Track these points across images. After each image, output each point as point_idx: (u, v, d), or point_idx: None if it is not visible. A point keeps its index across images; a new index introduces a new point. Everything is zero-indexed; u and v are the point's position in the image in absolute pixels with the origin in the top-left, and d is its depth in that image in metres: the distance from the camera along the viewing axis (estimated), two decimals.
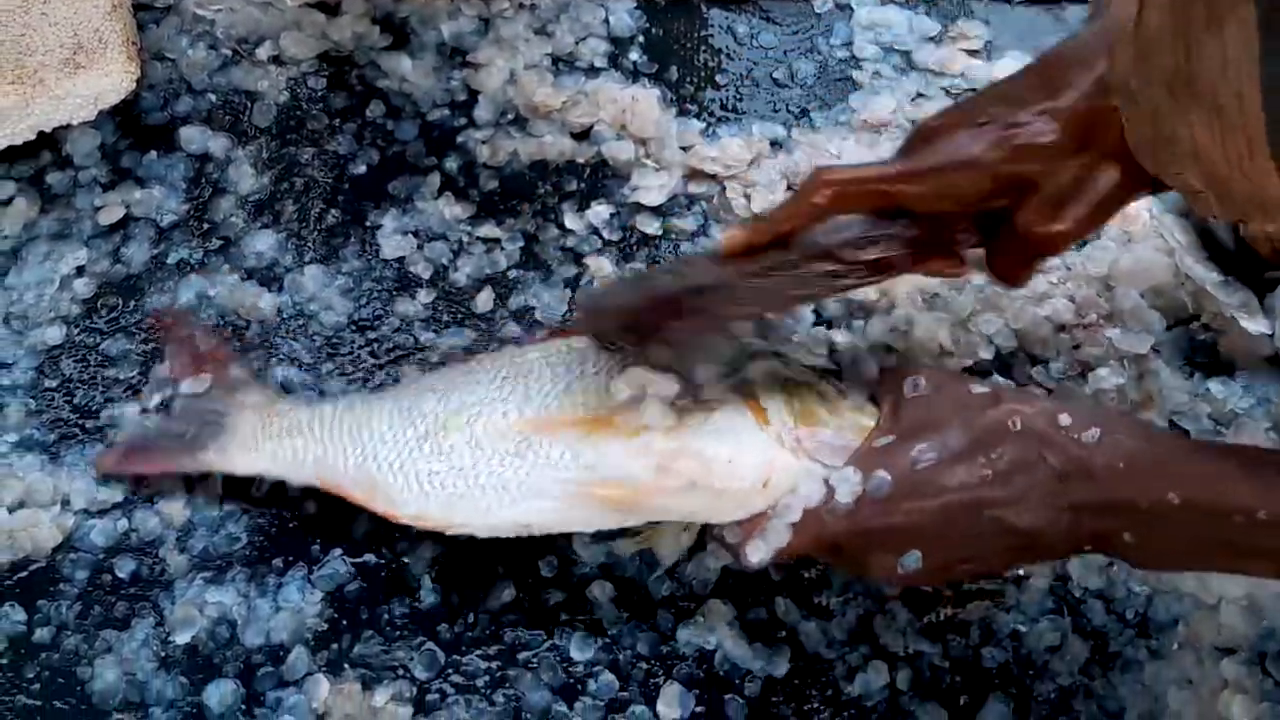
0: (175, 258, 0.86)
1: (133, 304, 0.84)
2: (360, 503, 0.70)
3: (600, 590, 0.73)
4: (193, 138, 0.91)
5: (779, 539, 0.65)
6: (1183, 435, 0.68)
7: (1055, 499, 0.60)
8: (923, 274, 0.69)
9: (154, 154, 0.90)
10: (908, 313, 0.84)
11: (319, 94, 0.95)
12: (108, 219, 0.87)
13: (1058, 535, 0.61)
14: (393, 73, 0.96)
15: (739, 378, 0.70)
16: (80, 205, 0.88)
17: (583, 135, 0.93)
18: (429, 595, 0.73)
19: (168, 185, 0.89)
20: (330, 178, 0.91)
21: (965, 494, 0.61)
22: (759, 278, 0.66)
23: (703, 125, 0.94)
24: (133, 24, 0.92)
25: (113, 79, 0.88)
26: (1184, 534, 0.59)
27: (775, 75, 0.99)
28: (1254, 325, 0.81)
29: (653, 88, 0.95)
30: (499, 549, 0.73)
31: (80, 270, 0.85)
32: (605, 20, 0.99)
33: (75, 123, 0.89)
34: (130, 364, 0.81)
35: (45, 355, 0.81)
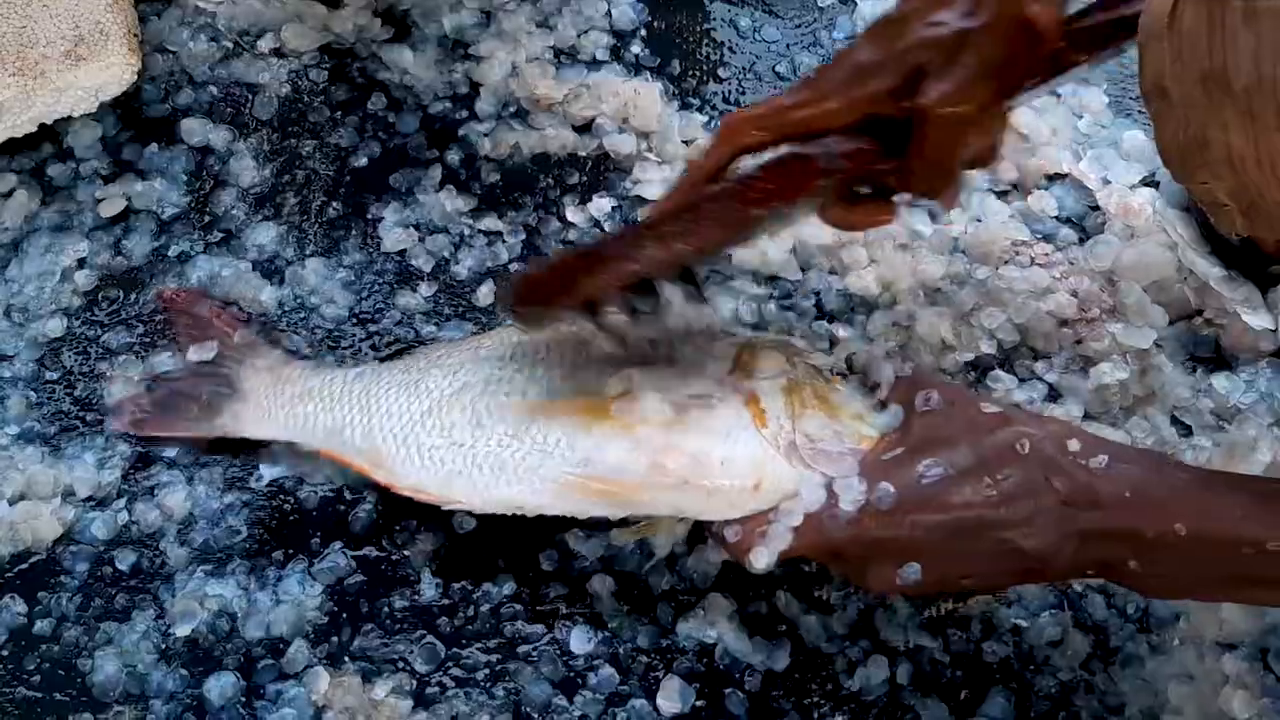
0: (176, 250, 0.86)
1: (134, 296, 0.84)
2: (363, 471, 0.71)
3: (600, 584, 0.73)
4: (194, 130, 0.91)
5: (781, 543, 0.65)
6: (1193, 467, 0.67)
7: (1061, 524, 0.60)
8: (856, 222, 0.66)
9: (155, 146, 0.90)
10: (910, 307, 0.84)
11: (320, 86, 0.95)
12: (109, 211, 0.87)
13: (1062, 560, 0.61)
14: (394, 65, 0.95)
15: (734, 341, 0.70)
16: (81, 197, 0.88)
17: (585, 128, 0.93)
18: (429, 588, 0.73)
19: (169, 178, 0.89)
20: (331, 170, 0.91)
21: (969, 512, 0.61)
22: (682, 217, 0.64)
23: (705, 119, 0.94)
24: (134, 16, 0.91)
25: (114, 71, 0.87)
26: (1191, 563, 0.59)
27: (778, 69, 0.98)
28: (1257, 320, 0.81)
29: (655, 81, 0.95)
30: (499, 542, 0.73)
31: (81, 263, 0.85)
32: (608, 13, 0.99)
33: (76, 115, 0.88)
34: (131, 356, 0.81)
35: (46, 347, 0.81)
